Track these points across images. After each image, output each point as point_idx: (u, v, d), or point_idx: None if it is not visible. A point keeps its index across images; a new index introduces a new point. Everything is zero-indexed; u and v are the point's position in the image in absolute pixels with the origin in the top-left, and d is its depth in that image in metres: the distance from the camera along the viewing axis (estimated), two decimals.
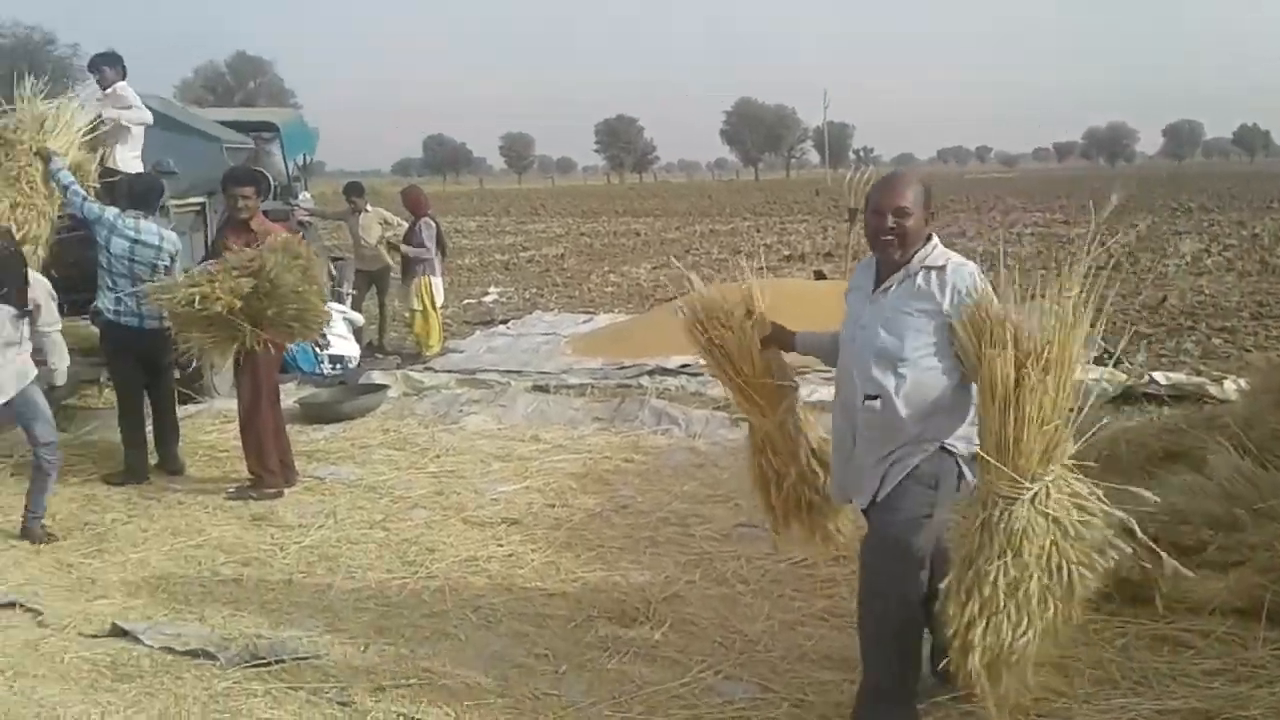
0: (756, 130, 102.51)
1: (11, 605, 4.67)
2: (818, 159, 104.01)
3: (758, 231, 27.77)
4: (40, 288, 5.84)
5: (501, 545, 5.37)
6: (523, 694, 3.84)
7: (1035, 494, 2.90)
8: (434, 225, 10.75)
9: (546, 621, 4.46)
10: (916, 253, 3.30)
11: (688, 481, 6.37)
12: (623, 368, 9.56)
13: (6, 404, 5.46)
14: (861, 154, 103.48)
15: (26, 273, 5.60)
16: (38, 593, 4.87)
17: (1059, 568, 2.89)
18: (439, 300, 10.89)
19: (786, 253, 21.41)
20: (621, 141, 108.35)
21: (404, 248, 10.68)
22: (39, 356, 5.82)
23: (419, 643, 4.28)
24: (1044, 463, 2.93)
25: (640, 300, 15.10)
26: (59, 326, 6.02)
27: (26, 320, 5.57)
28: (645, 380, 9.11)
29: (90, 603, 4.74)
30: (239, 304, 5.87)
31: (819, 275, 13.61)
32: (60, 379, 6.05)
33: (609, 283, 17.32)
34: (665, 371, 9.34)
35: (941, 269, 3.25)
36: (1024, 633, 2.86)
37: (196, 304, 5.79)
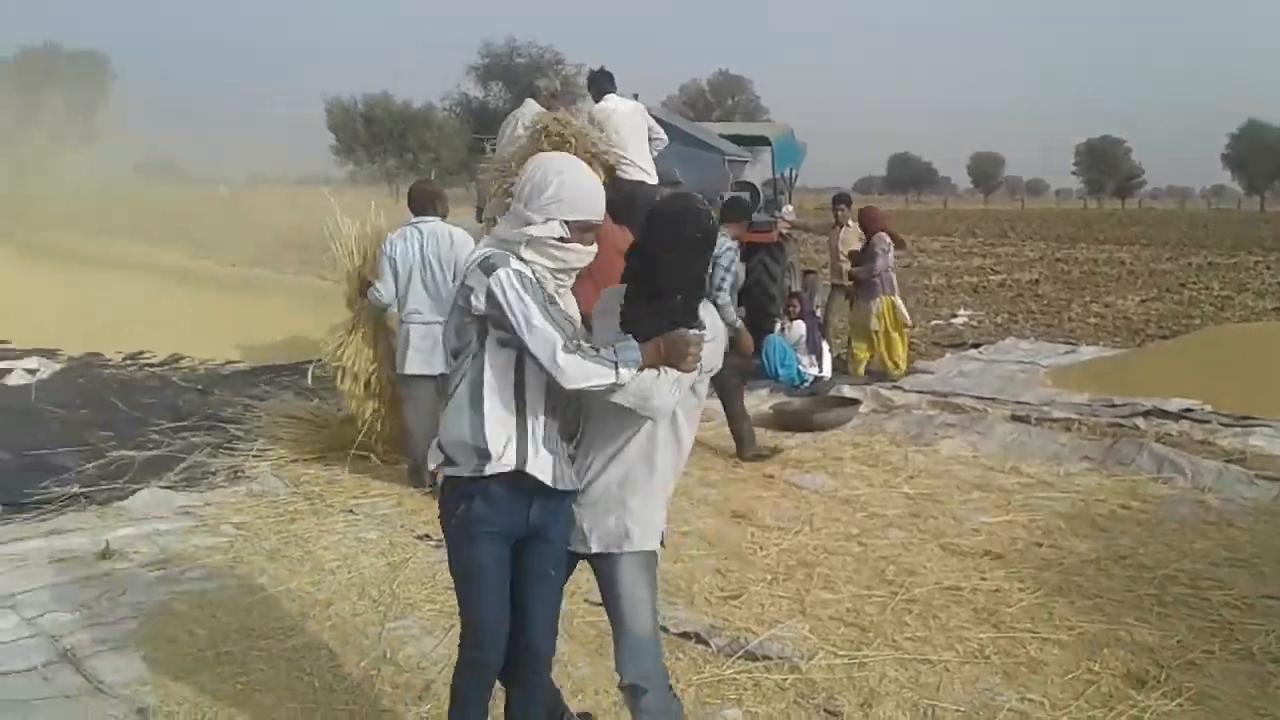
0: (1266, 156, 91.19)
1: None
2: None
3: (1267, 269, 24.64)
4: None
5: (985, 579, 5.13)
6: None
7: None
8: (888, 243, 10.46)
9: (1041, 667, 4.19)
10: None
11: (1197, 539, 5.72)
12: (1114, 405, 8.84)
13: None
14: None
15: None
16: None
17: None
18: (906, 320, 10.59)
19: None
20: (1104, 164, 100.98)
21: (852, 269, 10.58)
22: None
23: (901, 665, 4.19)
24: None
25: (1129, 335, 13.92)
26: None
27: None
28: (1140, 421, 8.35)
29: None
30: None
31: None
32: None
33: (1091, 313, 16.15)
34: (1164, 414, 8.50)
35: None
36: None
37: None
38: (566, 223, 2.80)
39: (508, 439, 2.77)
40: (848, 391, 9.44)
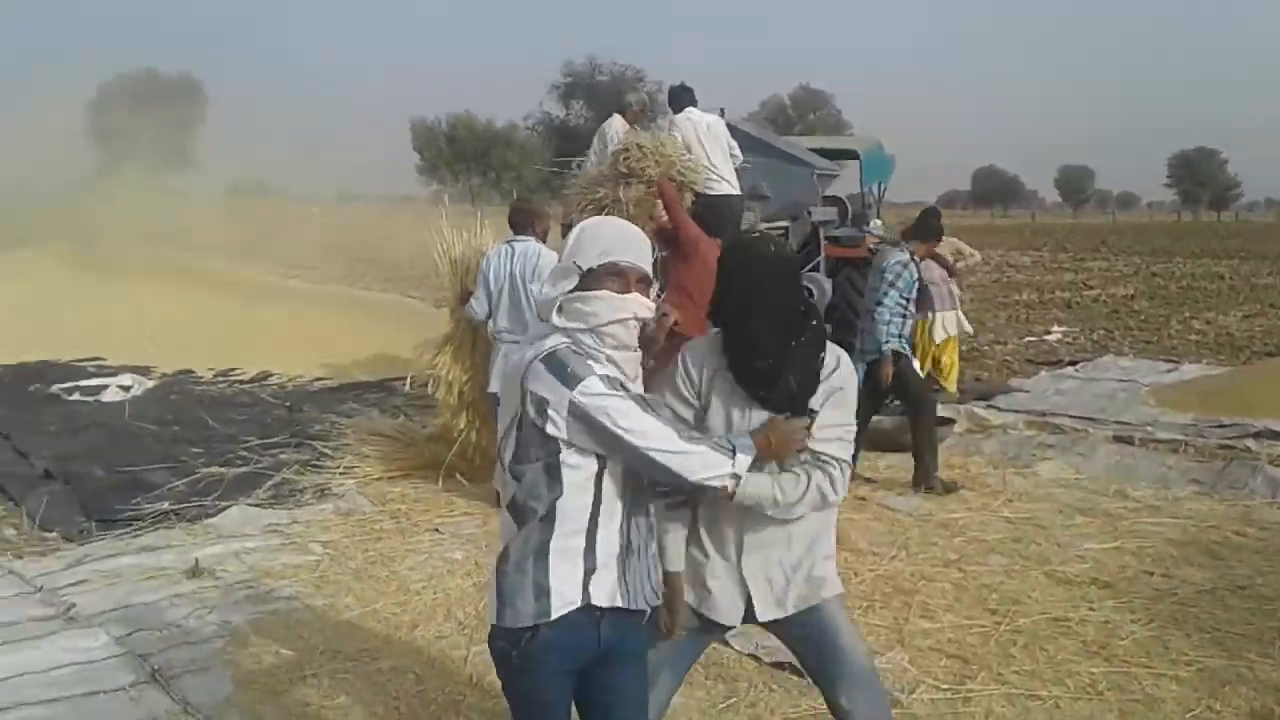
0: None
1: None
2: None
3: None
4: None
5: (1094, 609, 4.88)
6: None
7: None
8: (930, 265, 9.93)
9: (1158, 705, 3.95)
10: None
11: None
12: (1222, 426, 8.45)
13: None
14: None
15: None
16: None
17: None
18: (937, 336, 9.98)
19: None
20: (1199, 176, 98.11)
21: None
22: None
23: (1009, 700, 3.98)
24: None
25: (1232, 352, 13.38)
26: None
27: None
28: (1251, 443, 7.95)
29: None
30: None
31: None
32: None
33: (1191, 329, 15.57)
34: (1276, 435, 8.09)
35: None
36: None
37: None
38: (589, 269, 2.38)
39: (572, 570, 2.36)
40: (941, 411, 9.15)
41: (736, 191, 8.01)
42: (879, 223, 12.34)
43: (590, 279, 2.38)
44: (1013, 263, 30.69)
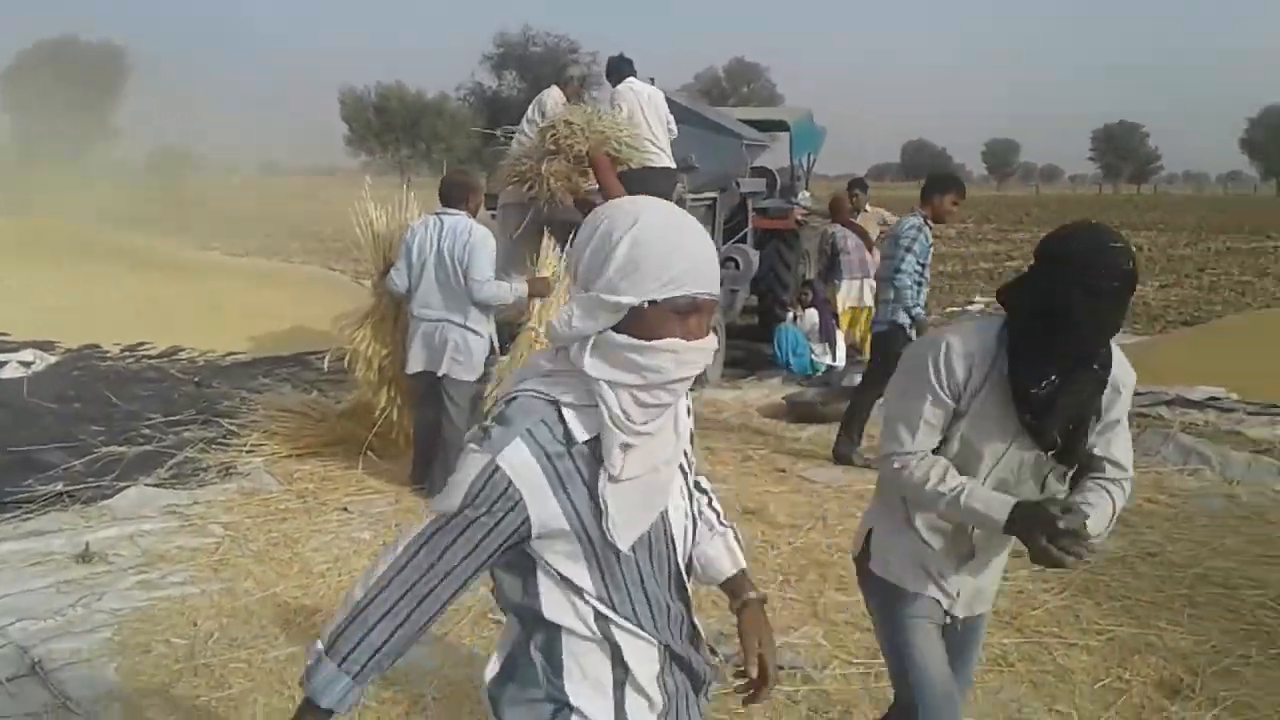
0: None
1: None
2: None
3: None
4: None
5: (1007, 578, 4.84)
6: None
7: None
8: (846, 234, 9.89)
9: (1068, 675, 3.95)
10: None
11: (1229, 535, 5.47)
12: (1136, 394, 8.54)
13: None
14: None
15: None
16: None
17: None
18: (840, 305, 9.99)
19: None
20: (1121, 149, 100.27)
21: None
22: None
23: None
24: None
25: (1148, 321, 13.62)
26: None
27: None
28: (1164, 411, 8.08)
29: None
30: None
31: None
32: None
33: None
34: (1188, 403, 8.23)
35: None
36: None
37: None
38: (651, 301, 1.57)
39: (596, 685, 1.71)
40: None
41: (671, 164, 7.93)
42: (808, 194, 12.31)
43: (653, 315, 1.59)
44: (938, 234, 30.94)
